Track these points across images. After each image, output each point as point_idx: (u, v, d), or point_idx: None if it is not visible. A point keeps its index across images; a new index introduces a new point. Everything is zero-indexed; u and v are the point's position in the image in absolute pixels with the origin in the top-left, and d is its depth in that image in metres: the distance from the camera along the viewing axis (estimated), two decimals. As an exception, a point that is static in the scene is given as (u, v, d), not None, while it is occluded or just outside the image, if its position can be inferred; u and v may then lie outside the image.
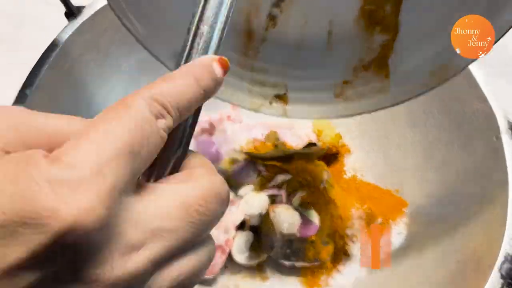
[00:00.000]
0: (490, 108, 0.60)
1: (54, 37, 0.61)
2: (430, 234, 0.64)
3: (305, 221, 0.63)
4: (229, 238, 0.64)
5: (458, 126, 0.64)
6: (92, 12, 0.63)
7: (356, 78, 0.44)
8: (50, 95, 0.60)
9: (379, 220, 0.68)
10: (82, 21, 0.62)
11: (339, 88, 0.45)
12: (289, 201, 0.64)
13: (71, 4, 0.61)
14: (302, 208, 0.64)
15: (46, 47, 0.60)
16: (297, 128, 0.76)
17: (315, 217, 0.64)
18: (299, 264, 0.65)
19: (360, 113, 0.47)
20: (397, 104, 0.43)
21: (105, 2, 0.64)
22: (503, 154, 0.57)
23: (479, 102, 0.61)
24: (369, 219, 0.68)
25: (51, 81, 0.60)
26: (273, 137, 0.74)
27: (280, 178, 0.66)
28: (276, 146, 0.73)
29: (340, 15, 0.40)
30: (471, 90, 0.62)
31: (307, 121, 0.78)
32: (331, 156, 0.76)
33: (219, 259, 0.64)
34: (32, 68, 0.58)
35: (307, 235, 0.63)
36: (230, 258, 0.66)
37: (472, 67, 0.61)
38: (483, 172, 0.60)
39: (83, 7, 0.63)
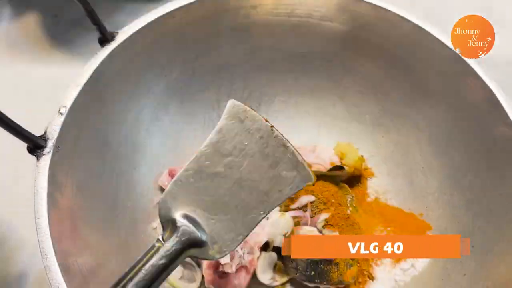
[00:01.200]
0: (516, 132, 0.60)
1: (88, 62, 0.64)
2: (456, 260, 0.63)
3: None
4: (254, 258, 0.64)
5: (486, 151, 0.64)
6: (125, 37, 0.66)
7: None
8: (83, 116, 0.62)
9: (403, 243, 0.67)
10: (114, 46, 0.65)
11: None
12: (313, 223, 0.65)
13: (106, 30, 0.64)
14: (326, 231, 0.64)
15: (78, 70, 0.63)
16: (320, 151, 0.77)
17: None
18: (323, 286, 0.65)
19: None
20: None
21: (137, 27, 0.67)
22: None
23: (506, 127, 0.61)
24: (393, 243, 0.67)
25: (84, 104, 0.62)
26: (296, 159, 0.74)
27: (304, 199, 0.66)
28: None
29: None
30: (497, 115, 0.62)
31: (329, 143, 0.79)
32: (353, 179, 0.77)
33: (243, 280, 0.64)
34: (66, 92, 0.61)
35: (331, 258, 0.63)
36: (253, 279, 0.67)
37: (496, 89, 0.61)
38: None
39: (117, 33, 0.66)
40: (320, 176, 0.68)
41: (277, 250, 0.68)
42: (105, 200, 0.65)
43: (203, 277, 0.65)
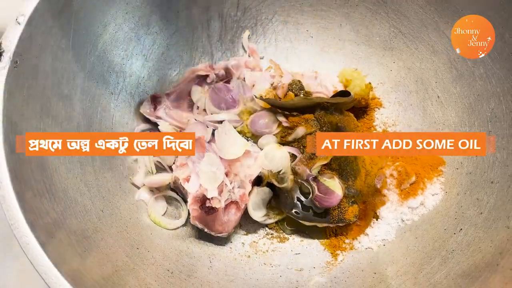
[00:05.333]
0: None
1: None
2: (472, 196, 0.56)
3: (325, 190, 0.56)
4: (245, 193, 0.57)
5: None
6: None
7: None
8: (46, 28, 0.53)
9: (413, 179, 0.60)
10: None
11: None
12: (308, 167, 0.57)
13: None
14: (323, 177, 0.57)
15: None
16: (323, 78, 0.68)
17: (337, 187, 0.56)
18: (321, 225, 0.59)
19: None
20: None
21: None
22: None
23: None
24: (401, 178, 0.60)
25: (47, 13, 0.53)
26: (296, 86, 0.66)
27: (301, 131, 0.58)
28: (298, 96, 0.65)
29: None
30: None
31: (334, 70, 0.70)
32: (358, 110, 0.68)
33: (233, 216, 0.58)
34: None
35: (328, 206, 0.57)
36: (245, 216, 0.60)
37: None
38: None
39: None
40: (322, 104, 0.60)
41: (270, 185, 0.61)
42: (77, 127, 0.57)
43: (189, 214, 0.58)
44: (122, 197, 0.59)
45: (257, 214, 0.60)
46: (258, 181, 0.61)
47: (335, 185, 0.57)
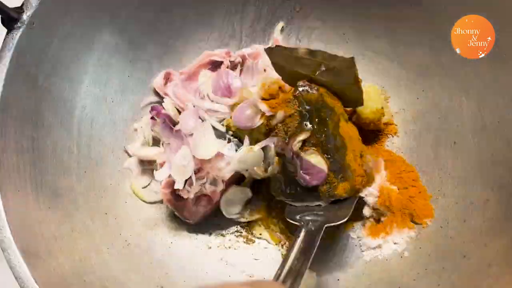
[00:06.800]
0: None
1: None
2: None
3: (308, 166, 0.54)
4: (216, 190, 0.59)
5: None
6: None
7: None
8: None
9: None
10: None
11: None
12: (289, 146, 0.54)
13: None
14: (305, 153, 0.54)
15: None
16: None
17: (320, 162, 0.53)
18: (313, 204, 0.56)
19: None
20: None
21: None
22: None
23: None
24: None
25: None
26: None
27: (281, 115, 0.55)
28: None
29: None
30: None
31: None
32: (370, 133, 0.63)
33: (203, 208, 0.60)
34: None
35: (313, 184, 0.54)
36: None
37: None
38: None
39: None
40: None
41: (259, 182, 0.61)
42: (87, 89, 0.61)
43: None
44: (111, 162, 0.63)
45: (229, 211, 0.61)
46: (239, 180, 0.61)
47: (318, 160, 0.54)
